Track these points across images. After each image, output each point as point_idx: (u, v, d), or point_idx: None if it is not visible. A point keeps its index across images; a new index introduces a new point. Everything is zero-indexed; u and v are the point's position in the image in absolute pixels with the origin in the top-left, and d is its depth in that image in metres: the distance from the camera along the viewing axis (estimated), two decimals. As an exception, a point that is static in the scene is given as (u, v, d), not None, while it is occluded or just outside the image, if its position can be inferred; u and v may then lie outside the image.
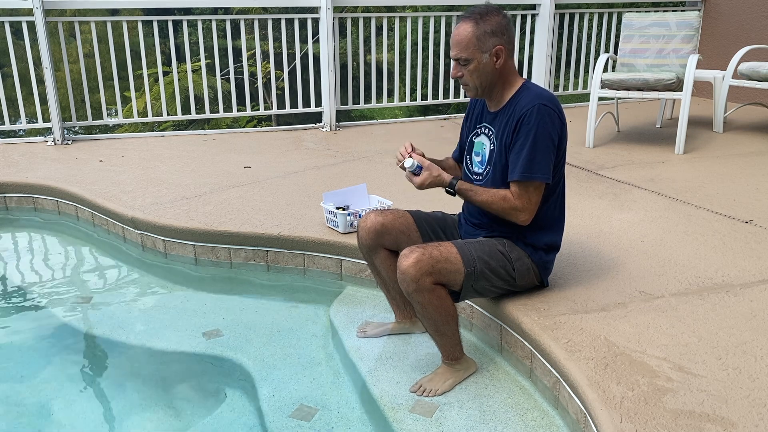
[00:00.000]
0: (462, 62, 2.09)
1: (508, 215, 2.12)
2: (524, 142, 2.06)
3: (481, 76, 2.10)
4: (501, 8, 2.11)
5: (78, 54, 4.98)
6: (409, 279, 1.97)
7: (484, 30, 2.04)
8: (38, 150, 4.75)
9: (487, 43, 2.05)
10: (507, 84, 2.15)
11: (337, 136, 5.23)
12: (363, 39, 5.53)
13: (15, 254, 3.44)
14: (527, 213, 2.11)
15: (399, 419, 1.98)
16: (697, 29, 4.67)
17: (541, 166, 2.06)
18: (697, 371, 1.87)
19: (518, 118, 2.07)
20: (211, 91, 8.13)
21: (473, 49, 2.06)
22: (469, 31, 2.05)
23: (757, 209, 3.25)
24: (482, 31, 2.04)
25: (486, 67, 2.08)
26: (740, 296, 2.32)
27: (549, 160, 2.09)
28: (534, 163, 2.05)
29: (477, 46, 2.05)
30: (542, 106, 2.05)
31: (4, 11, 6.28)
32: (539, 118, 2.04)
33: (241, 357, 2.38)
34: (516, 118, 2.08)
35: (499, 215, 2.14)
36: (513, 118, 2.10)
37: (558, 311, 2.20)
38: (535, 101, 2.06)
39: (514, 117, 2.09)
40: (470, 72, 2.09)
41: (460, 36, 2.06)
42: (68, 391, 2.24)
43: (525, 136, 2.06)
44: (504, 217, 2.13)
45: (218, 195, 3.59)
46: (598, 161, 4.23)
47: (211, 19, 5.50)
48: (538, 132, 2.05)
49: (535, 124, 2.04)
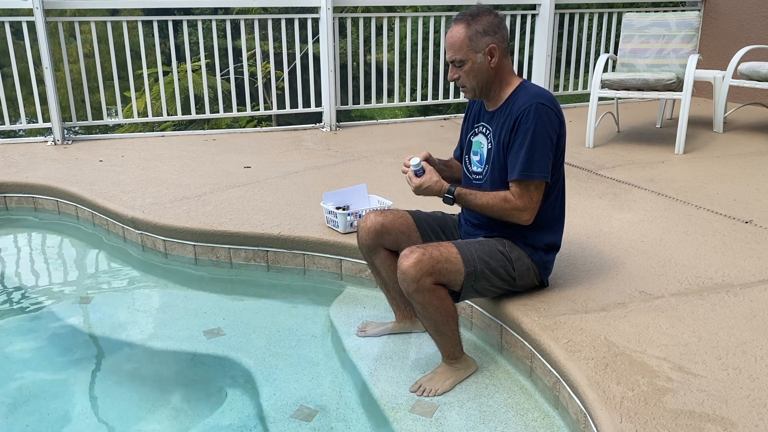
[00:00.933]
0: (457, 64, 2.09)
1: (510, 216, 2.12)
2: (522, 141, 2.06)
3: (477, 76, 2.10)
4: (492, 8, 2.12)
5: (78, 54, 4.98)
6: (409, 279, 1.97)
7: (476, 30, 2.05)
8: (38, 150, 4.75)
9: (480, 42, 2.06)
10: (504, 83, 2.15)
11: (337, 136, 5.23)
12: (363, 39, 5.53)
13: (15, 254, 3.44)
14: (529, 212, 2.11)
15: (399, 419, 1.98)
16: (697, 29, 4.67)
17: (539, 165, 2.06)
18: (697, 371, 1.87)
19: (516, 117, 2.07)
20: (211, 91, 8.12)
21: (466, 49, 2.06)
22: (462, 33, 2.06)
23: (757, 209, 3.25)
24: (474, 31, 2.05)
25: (481, 66, 2.08)
26: (740, 296, 2.32)
27: (548, 159, 2.09)
28: (533, 162, 2.05)
29: (470, 46, 2.06)
30: (540, 105, 2.05)
31: (4, 11, 6.28)
32: (537, 116, 2.05)
33: (242, 357, 2.38)
34: (514, 117, 2.08)
35: (502, 217, 2.14)
36: (511, 117, 2.10)
37: (558, 311, 2.20)
38: (533, 100, 2.06)
39: (512, 116, 2.09)
40: (466, 73, 2.10)
41: (453, 38, 2.07)
42: (68, 391, 2.24)
43: (523, 135, 2.06)
44: (506, 218, 2.13)
45: (218, 195, 3.60)
46: (598, 161, 4.23)
47: (211, 19, 5.50)
48: (536, 131, 2.05)
49: (533, 123, 2.04)
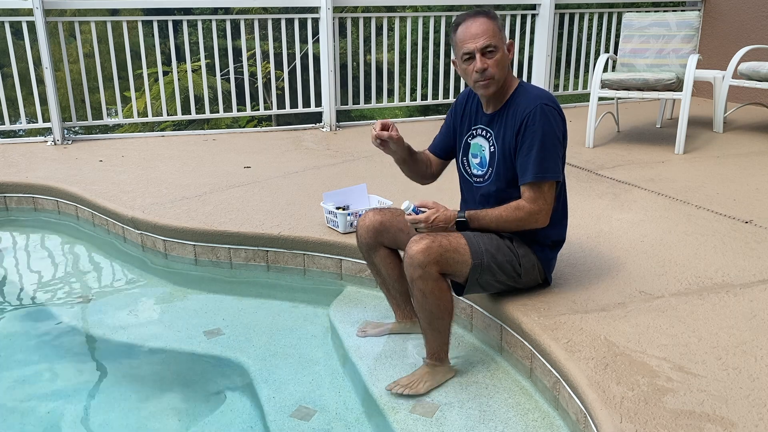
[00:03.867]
0: (490, 49, 2.04)
1: (527, 223, 2.10)
2: (531, 143, 2.06)
3: (503, 68, 2.09)
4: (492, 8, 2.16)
5: (78, 54, 4.98)
6: (416, 264, 1.97)
7: (498, 24, 2.08)
8: (38, 150, 4.75)
9: (503, 35, 2.09)
10: (506, 84, 2.15)
11: (337, 136, 5.23)
12: (363, 39, 5.53)
13: (15, 254, 3.44)
14: (544, 214, 2.10)
15: (399, 419, 1.98)
16: (697, 29, 4.66)
17: (551, 165, 2.07)
18: (697, 371, 1.87)
19: (521, 120, 2.07)
20: (210, 91, 8.12)
21: (499, 37, 2.06)
22: (490, 23, 2.05)
23: (757, 209, 3.25)
24: (498, 24, 2.08)
25: (505, 59, 2.09)
26: (740, 296, 2.32)
27: (558, 159, 2.09)
28: (545, 163, 2.06)
29: (500, 35, 2.07)
30: (544, 106, 2.06)
31: (4, 11, 6.28)
32: (543, 118, 2.05)
33: (241, 357, 2.38)
34: (519, 120, 2.08)
35: (519, 227, 2.11)
36: (516, 120, 2.09)
37: (558, 311, 2.20)
38: (537, 102, 2.07)
39: (517, 119, 2.09)
40: (496, 62, 2.06)
41: (485, 25, 2.04)
42: (68, 391, 2.24)
43: (531, 137, 2.06)
44: (523, 226, 2.10)
45: (218, 195, 3.59)
46: (598, 161, 4.23)
47: (211, 19, 5.50)
48: (545, 132, 2.05)
49: (541, 125, 2.05)
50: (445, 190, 2.74)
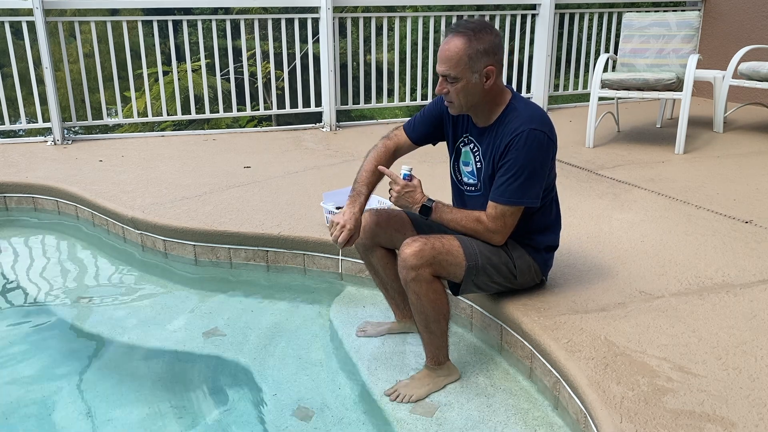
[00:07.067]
0: (450, 80, 1.98)
1: (482, 237, 2.09)
2: (510, 167, 2.00)
3: (468, 95, 2.00)
4: (492, 26, 2.03)
5: (78, 54, 4.97)
6: (409, 266, 1.97)
7: (477, 49, 1.94)
8: (38, 150, 4.75)
9: (479, 63, 1.95)
10: (494, 103, 2.06)
11: (337, 136, 5.23)
12: (363, 39, 5.53)
13: (15, 254, 3.44)
14: (501, 236, 2.09)
15: (399, 419, 1.98)
16: (697, 29, 4.67)
17: (521, 193, 2.02)
18: (697, 371, 1.87)
19: (507, 142, 2.00)
20: (211, 91, 8.13)
21: (464, 67, 1.95)
22: (461, 48, 1.94)
23: (757, 209, 3.25)
24: (475, 50, 1.94)
25: (475, 87, 1.99)
26: (740, 296, 2.32)
27: (540, 186, 2.06)
28: (516, 190, 2.01)
29: (468, 65, 1.95)
30: (532, 132, 1.97)
31: (4, 11, 6.27)
32: (529, 146, 1.97)
33: (241, 357, 2.38)
34: (506, 142, 2.01)
35: (471, 236, 2.10)
36: (502, 141, 2.02)
37: (558, 311, 2.20)
38: (526, 126, 1.98)
39: (504, 139, 2.02)
40: (457, 91, 1.99)
41: (451, 52, 1.95)
42: (68, 391, 2.24)
43: (512, 161, 1.99)
44: (474, 237, 2.10)
45: (218, 195, 3.59)
46: (598, 161, 4.23)
47: (211, 19, 5.49)
48: (527, 160, 1.98)
49: (525, 152, 1.97)
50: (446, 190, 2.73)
